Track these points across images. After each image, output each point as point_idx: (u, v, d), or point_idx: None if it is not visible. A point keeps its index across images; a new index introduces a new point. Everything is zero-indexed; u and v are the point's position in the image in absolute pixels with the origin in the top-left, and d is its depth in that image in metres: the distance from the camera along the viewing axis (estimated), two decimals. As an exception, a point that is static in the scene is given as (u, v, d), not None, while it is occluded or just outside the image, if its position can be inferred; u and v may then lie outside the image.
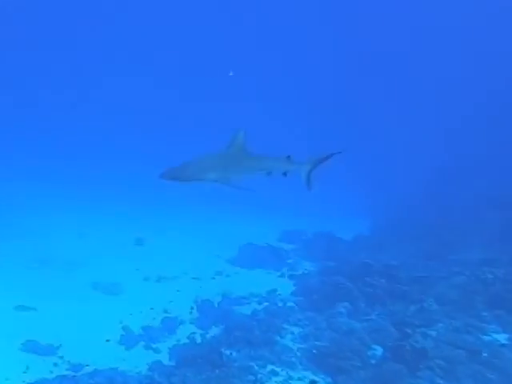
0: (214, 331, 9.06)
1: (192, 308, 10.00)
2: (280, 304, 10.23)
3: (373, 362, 7.99)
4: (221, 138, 7.05)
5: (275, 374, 7.80)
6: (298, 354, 8.31)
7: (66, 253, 12.64)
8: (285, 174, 7.13)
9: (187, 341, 8.66)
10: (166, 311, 9.87)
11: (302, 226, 16.50)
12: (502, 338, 8.43)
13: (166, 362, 8.07)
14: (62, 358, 8.11)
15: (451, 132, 23.85)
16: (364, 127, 30.75)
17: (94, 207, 16.96)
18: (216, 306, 10.02)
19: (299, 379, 7.72)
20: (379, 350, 8.27)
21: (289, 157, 7.13)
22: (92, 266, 12.01)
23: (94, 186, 18.56)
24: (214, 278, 11.97)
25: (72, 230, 14.53)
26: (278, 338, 8.77)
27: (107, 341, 8.65)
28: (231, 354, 8.08)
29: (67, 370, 7.81)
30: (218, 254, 13.55)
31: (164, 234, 15.07)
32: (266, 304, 10.25)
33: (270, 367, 7.91)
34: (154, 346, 8.67)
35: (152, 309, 9.89)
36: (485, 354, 7.77)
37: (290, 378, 7.74)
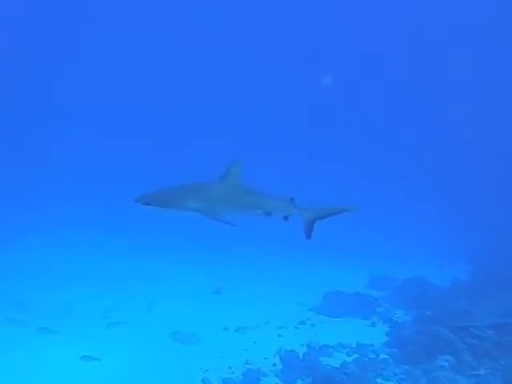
0: (300, 385, 8.62)
1: (275, 359, 9.61)
2: (372, 356, 9.62)
3: (486, 423, 7.18)
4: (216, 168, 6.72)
5: (371, 434, 7.19)
6: (397, 412, 7.67)
7: (141, 301, 12.74)
8: (286, 217, 6.80)
9: (271, 395, 8.26)
10: (247, 363, 9.53)
11: (392, 271, 15.82)
12: None
13: (248, 417, 7.70)
14: (139, 411, 7.96)
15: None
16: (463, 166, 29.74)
17: (169, 255, 17.19)
18: (301, 357, 9.57)
19: None
20: (492, 411, 7.46)
21: (292, 199, 6.79)
22: (169, 315, 11.96)
23: (170, 233, 18.87)
24: (297, 328, 11.53)
25: (147, 278, 14.72)
26: (372, 393, 8.17)
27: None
28: (320, 410, 7.58)
29: (145, 424, 7.64)
30: (301, 302, 13.16)
31: (243, 282, 14.93)
32: (355, 356, 9.68)
33: (364, 427, 7.33)
34: (235, 400, 8.35)
35: (232, 362, 9.57)
36: None
37: None
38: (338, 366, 9.06)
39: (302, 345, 10.18)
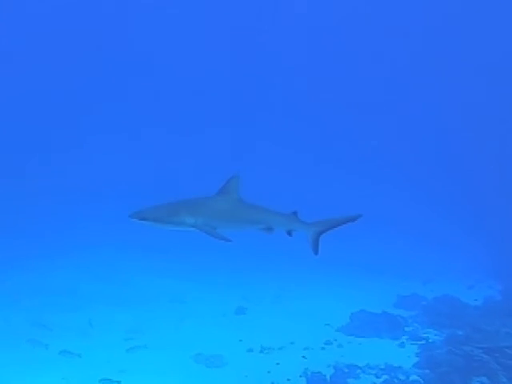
0: (328, 408, 8.37)
1: (301, 381, 9.38)
2: (402, 377, 9.35)
3: None
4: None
5: None
6: None
7: (162, 323, 12.64)
8: (289, 232, 6.67)
9: (298, 418, 8.03)
10: (272, 385, 9.34)
11: (420, 289, 15.52)
12: None
13: None
14: None
15: None
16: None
17: (190, 275, 17.04)
18: (328, 379, 9.33)
19: None
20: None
21: (295, 213, 6.64)
22: (192, 337, 11.81)
23: (191, 254, 18.75)
24: (323, 348, 11.30)
25: (170, 299, 14.62)
26: (404, 417, 7.88)
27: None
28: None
29: None
30: (326, 322, 12.91)
31: (266, 302, 14.75)
32: (385, 377, 9.42)
33: None
34: (261, 423, 8.14)
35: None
36: None
37: None
38: (367, 388, 8.82)
39: (329, 366, 9.92)
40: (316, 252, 6.76)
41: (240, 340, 11.71)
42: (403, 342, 11.59)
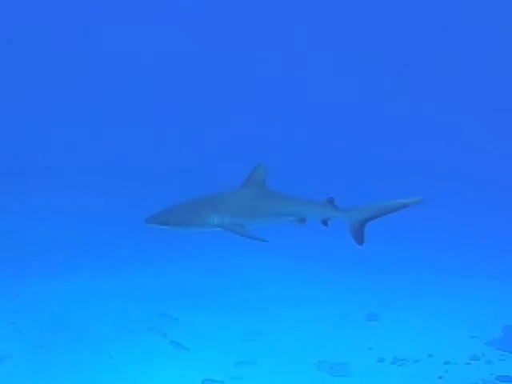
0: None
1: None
2: None
3: None
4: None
5: None
6: None
7: (283, 327, 12.01)
8: (325, 222, 6.20)
9: None
10: (404, 401, 8.28)
11: None
12: None
13: None
14: None
15: None
16: None
17: (317, 279, 16.12)
18: (475, 399, 8.05)
19: None
20: None
21: (331, 200, 6.12)
22: (316, 343, 11.05)
23: (315, 256, 17.83)
24: (468, 364, 9.97)
25: (294, 303, 13.90)
26: None
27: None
28: None
29: None
30: (473, 335, 11.48)
31: (404, 309, 13.48)
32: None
33: None
34: None
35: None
36: None
37: None
38: (524, 413, 7.39)
39: (475, 384, 8.67)
40: (360, 242, 6.27)
41: (370, 348, 10.79)
42: None
